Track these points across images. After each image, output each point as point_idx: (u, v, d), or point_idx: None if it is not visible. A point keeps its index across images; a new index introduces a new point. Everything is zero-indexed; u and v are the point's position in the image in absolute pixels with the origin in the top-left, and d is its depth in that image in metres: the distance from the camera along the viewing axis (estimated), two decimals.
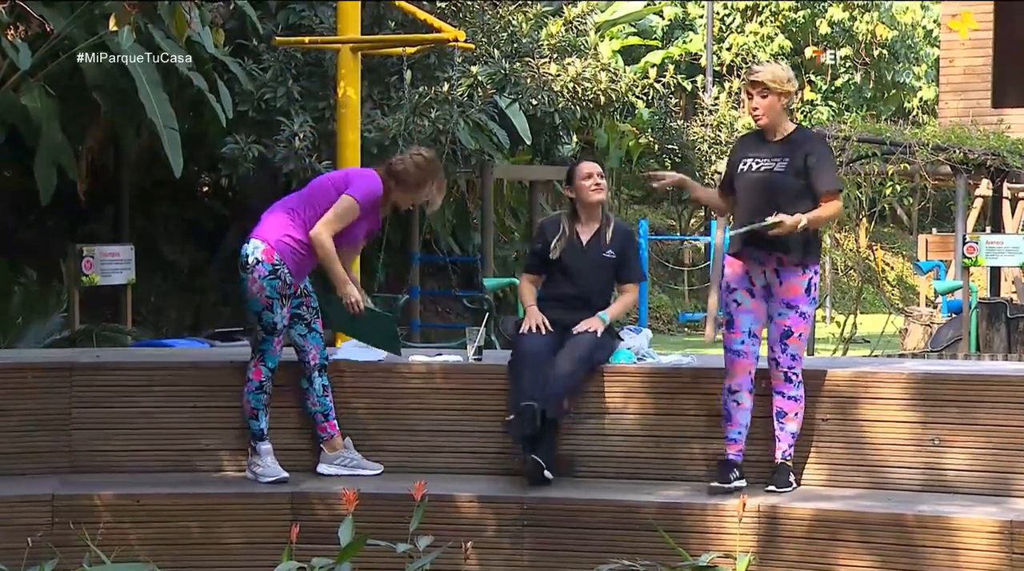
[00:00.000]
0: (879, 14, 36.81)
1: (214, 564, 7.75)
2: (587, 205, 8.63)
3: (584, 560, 7.30)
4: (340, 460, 8.28)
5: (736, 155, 8.03)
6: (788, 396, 7.81)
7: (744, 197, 7.83)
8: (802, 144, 7.78)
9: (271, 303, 8.05)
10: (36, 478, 8.30)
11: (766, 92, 7.69)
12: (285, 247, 8.07)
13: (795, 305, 7.72)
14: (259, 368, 8.17)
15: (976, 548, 7.21)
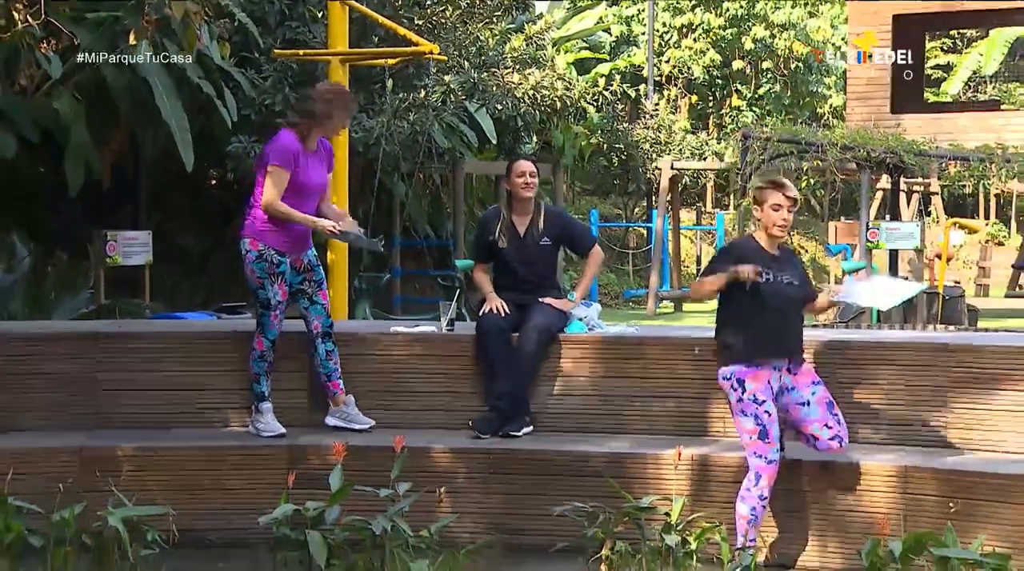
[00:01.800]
0: (795, 32, 36.93)
1: (221, 507, 7.75)
2: (519, 199, 8.59)
3: (542, 503, 7.32)
4: (340, 414, 8.28)
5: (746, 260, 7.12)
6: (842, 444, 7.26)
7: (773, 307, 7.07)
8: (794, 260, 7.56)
9: (262, 282, 8.06)
10: (67, 432, 8.27)
11: (793, 209, 7.26)
12: (260, 232, 8.07)
13: (819, 381, 7.26)
14: (260, 339, 8.16)
15: (877, 490, 7.28)
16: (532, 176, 8.56)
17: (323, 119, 8.15)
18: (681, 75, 37.06)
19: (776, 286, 7.08)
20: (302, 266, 8.26)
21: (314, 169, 8.19)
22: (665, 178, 26.24)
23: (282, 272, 8.12)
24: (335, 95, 8.30)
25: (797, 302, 7.28)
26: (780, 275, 7.12)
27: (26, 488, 6.72)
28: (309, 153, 8.16)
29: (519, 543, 7.53)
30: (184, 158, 16.19)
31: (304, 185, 8.10)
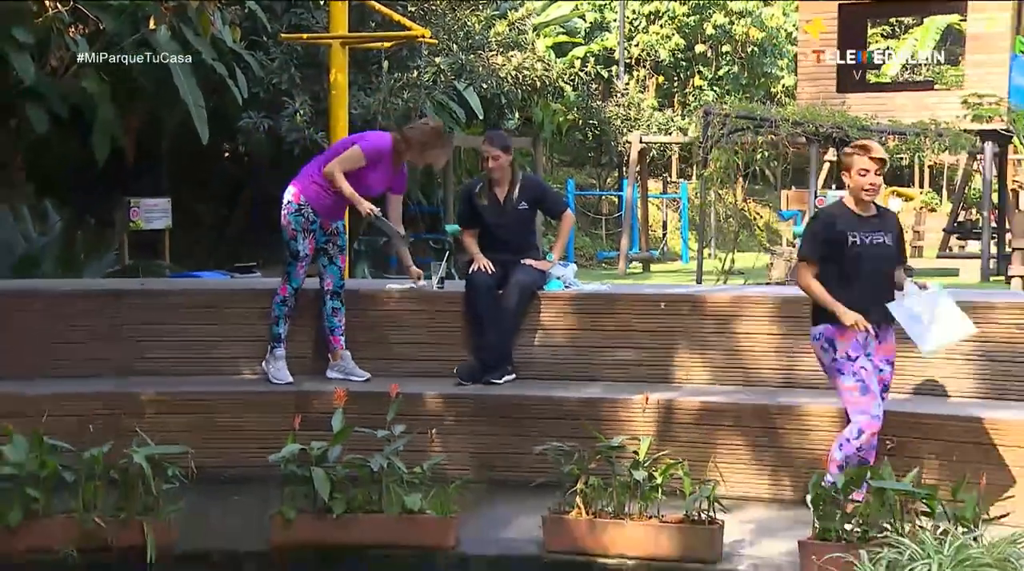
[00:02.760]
0: (752, 19, 36.95)
1: (234, 447, 7.75)
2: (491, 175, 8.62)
3: (523, 443, 7.33)
4: (338, 368, 8.30)
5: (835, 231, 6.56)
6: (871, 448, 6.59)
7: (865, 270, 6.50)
8: (892, 219, 6.77)
9: (296, 234, 8.13)
10: (95, 379, 8.28)
11: (882, 170, 6.57)
12: (310, 189, 8.16)
13: (893, 361, 6.71)
14: (285, 286, 8.22)
15: (820, 429, 7.29)
16: (495, 159, 8.53)
17: (417, 149, 8.23)
18: (649, 58, 36.98)
19: (865, 249, 6.51)
20: (330, 229, 8.35)
21: (381, 178, 8.28)
22: (635, 151, 26.21)
23: (314, 230, 8.20)
24: (437, 139, 8.35)
25: (888, 263, 6.63)
26: (871, 237, 6.54)
27: (59, 429, 6.71)
28: (388, 164, 8.25)
29: (503, 479, 7.54)
30: (200, 132, 16.21)
31: (366, 183, 8.18)
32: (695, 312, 8.26)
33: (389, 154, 8.20)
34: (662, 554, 6.26)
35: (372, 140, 8.29)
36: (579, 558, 6.32)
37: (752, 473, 7.41)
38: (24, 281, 11.38)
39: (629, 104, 30.39)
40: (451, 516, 6.54)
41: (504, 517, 6.94)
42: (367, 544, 6.44)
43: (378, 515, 6.50)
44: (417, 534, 6.47)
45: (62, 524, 6.38)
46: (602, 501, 6.42)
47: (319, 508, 6.46)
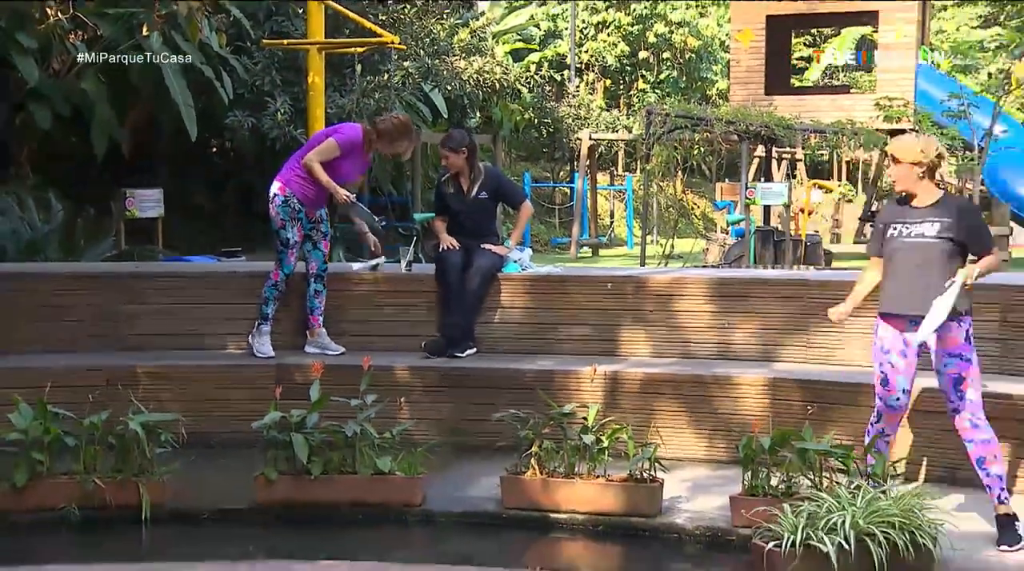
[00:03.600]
0: (689, 29, 37.04)
1: (221, 414, 7.71)
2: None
3: (483, 410, 7.32)
4: (315, 343, 8.29)
5: (883, 221, 6.14)
6: (980, 441, 5.82)
7: (901, 262, 5.93)
8: (952, 209, 5.92)
9: (284, 224, 8.12)
10: (95, 354, 8.24)
11: (898, 161, 5.94)
12: (293, 182, 8.13)
13: (959, 353, 5.83)
14: (277, 271, 8.21)
15: (751, 397, 7.34)
16: (445, 158, 8.59)
17: (386, 139, 8.23)
18: (597, 63, 36.96)
19: (906, 241, 5.92)
20: (314, 218, 8.29)
21: (355, 167, 8.31)
22: (584, 147, 26.22)
23: (300, 218, 8.17)
24: (405, 131, 8.31)
25: (927, 255, 5.85)
26: (912, 228, 5.93)
27: (61, 398, 6.65)
28: (361, 154, 8.28)
29: (465, 443, 7.55)
30: (189, 129, 16.16)
31: (345, 173, 8.20)
32: (638, 292, 8.28)
33: (361, 144, 8.20)
34: (608, 509, 6.28)
35: (345, 132, 8.29)
36: (534, 514, 6.33)
37: (689, 436, 7.45)
38: (30, 265, 11.32)
39: (579, 105, 30.35)
40: (418, 476, 6.54)
41: (466, 477, 6.94)
42: (342, 502, 6.42)
43: (352, 476, 6.49)
44: (387, 492, 6.46)
45: (64, 484, 6.36)
46: (554, 462, 6.43)
47: (298, 470, 6.44)
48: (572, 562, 6.02)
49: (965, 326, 5.84)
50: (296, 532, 6.28)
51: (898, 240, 5.94)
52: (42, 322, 8.47)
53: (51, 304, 8.54)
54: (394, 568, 5.71)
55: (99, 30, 14.48)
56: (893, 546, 5.17)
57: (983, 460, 5.78)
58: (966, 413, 5.80)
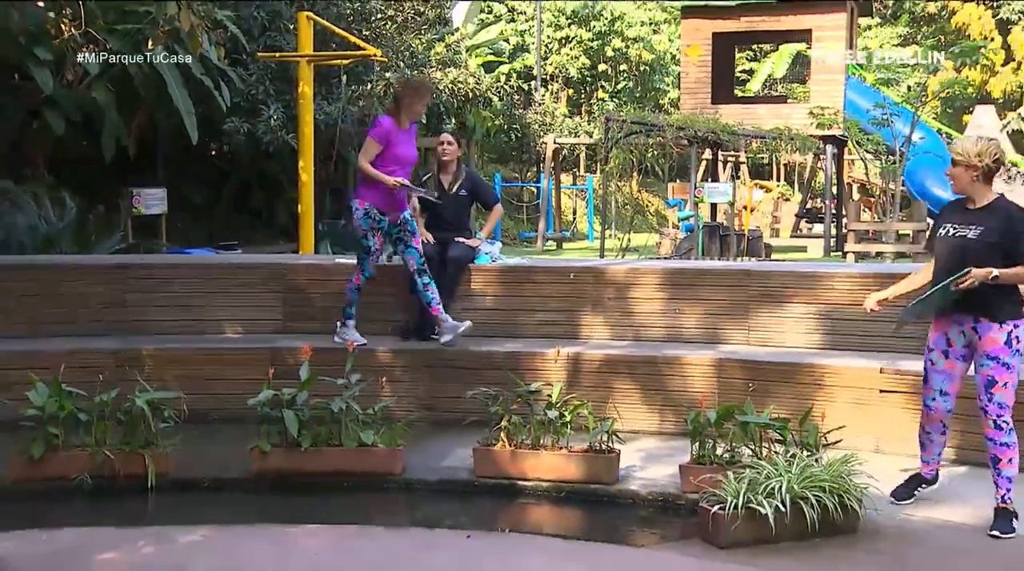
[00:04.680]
0: (644, 44, 37.08)
1: (220, 392, 7.65)
2: (442, 162, 8.54)
3: (458, 388, 7.29)
4: (445, 329, 7.87)
5: (940, 220, 5.70)
6: (1000, 443, 5.44)
7: (940, 259, 5.58)
8: (1000, 214, 5.44)
9: (366, 233, 7.81)
10: (104, 337, 8.18)
11: (955, 163, 5.49)
12: (364, 193, 7.78)
13: (996, 356, 5.39)
14: (359, 276, 7.95)
15: (698, 376, 7.35)
16: (449, 144, 8.54)
17: (406, 103, 7.77)
18: (561, 74, 36.92)
19: (948, 240, 5.52)
20: (398, 221, 7.87)
21: (405, 144, 7.83)
22: (549, 150, 26.21)
23: (382, 227, 7.82)
24: (414, 86, 7.99)
25: (966, 256, 5.40)
26: (961, 229, 5.49)
27: (75, 378, 6.59)
28: (402, 131, 7.80)
29: (441, 418, 7.52)
30: (190, 134, 16.08)
31: (398, 156, 7.77)
32: (598, 281, 8.28)
33: (392, 125, 7.76)
34: (571, 477, 6.27)
35: (375, 124, 7.86)
36: (504, 481, 6.32)
37: (643, 411, 7.45)
38: (46, 257, 11.25)
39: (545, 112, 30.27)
40: (398, 448, 6.51)
41: (442, 449, 6.92)
42: (329, 471, 6.39)
43: (338, 448, 6.46)
44: (370, 463, 6.44)
45: (77, 456, 6.33)
46: (522, 435, 6.42)
47: (290, 442, 6.41)
48: (538, 524, 6.02)
49: (1008, 328, 5.39)
50: (288, 499, 6.25)
51: (942, 239, 5.55)
52: (57, 309, 8.40)
53: (65, 293, 8.47)
54: (377, 531, 5.69)
55: (108, 45, 14.37)
56: (824, 508, 5.21)
57: (998, 461, 5.44)
58: (992, 415, 5.41)
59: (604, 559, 5.10)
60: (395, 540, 5.45)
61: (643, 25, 37.80)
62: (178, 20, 10.03)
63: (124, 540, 5.31)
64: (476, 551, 5.21)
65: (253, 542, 5.36)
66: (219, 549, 5.23)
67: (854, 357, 7.21)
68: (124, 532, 5.49)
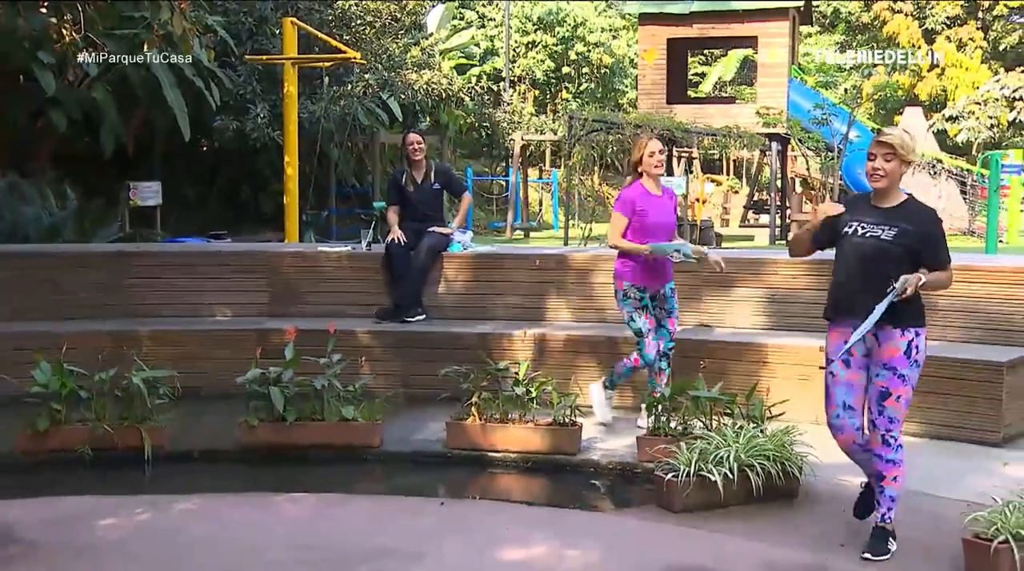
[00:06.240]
0: (604, 49, 37.06)
1: (211, 370, 7.57)
2: (412, 160, 8.45)
3: (433, 367, 7.22)
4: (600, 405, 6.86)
5: (839, 215, 4.70)
6: (886, 459, 4.61)
7: (851, 260, 4.60)
8: (917, 215, 4.56)
9: (631, 315, 6.56)
10: (104, 320, 8.12)
11: (892, 156, 4.52)
12: (622, 270, 6.59)
13: (893, 366, 4.52)
14: (637, 358, 6.61)
15: None
16: (418, 144, 8.45)
17: (644, 164, 6.57)
18: (528, 76, 36.85)
19: (858, 240, 4.58)
20: (658, 295, 6.64)
21: (655, 209, 6.52)
22: (517, 146, 26.20)
23: (645, 305, 6.58)
24: (637, 145, 6.64)
25: (883, 259, 4.50)
26: (873, 229, 4.56)
27: (76, 357, 6.54)
28: (653, 197, 6.57)
29: (416, 394, 7.48)
30: (183, 131, 16.04)
31: (647, 226, 6.52)
32: (562, 267, 8.26)
33: (639, 193, 6.54)
34: (536, 448, 6.27)
35: (620, 197, 6.66)
36: (474, 453, 6.31)
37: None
38: (48, 245, 11.16)
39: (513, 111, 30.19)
40: (377, 422, 6.49)
41: (417, 423, 6.89)
42: (313, 444, 6.37)
43: (321, 422, 6.43)
44: (351, 436, 6.41)
45: (79, 430, 6.30)
46: (491, 410, 6.41)
47: (276, 417, 6.37)
48: (507, 492, 6.01)
49: (910, 336, 4.53)
50: (274, 469, 6.21)
51: (852, 239, 4.61)
52: (60, 293, 8.33)
53: (67, 278, 8.40)
54: (358, 498, 5.67)
55: (107, 47, 14.25)
56: (768, 475, 5.22)
57: (882, 477, 4.64)
58: (880, 429, 4.59)
59: (569, 523, 5.11)
60: (374, 507, 5.43)
61: (603, 31, 37.79)
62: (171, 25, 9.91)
63: (123, 507, 5.27)
64: (449, 517, 5.20)
65: (242, 509, 5.32)
66: (211, 516, 5.20)
67: (797, 336, 7.23)
68: (123, 500, 5.45)
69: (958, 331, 6.98)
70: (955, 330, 6.99)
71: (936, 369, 6.41)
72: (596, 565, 4.47)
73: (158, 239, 14.77)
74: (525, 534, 4.82)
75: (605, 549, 4.64)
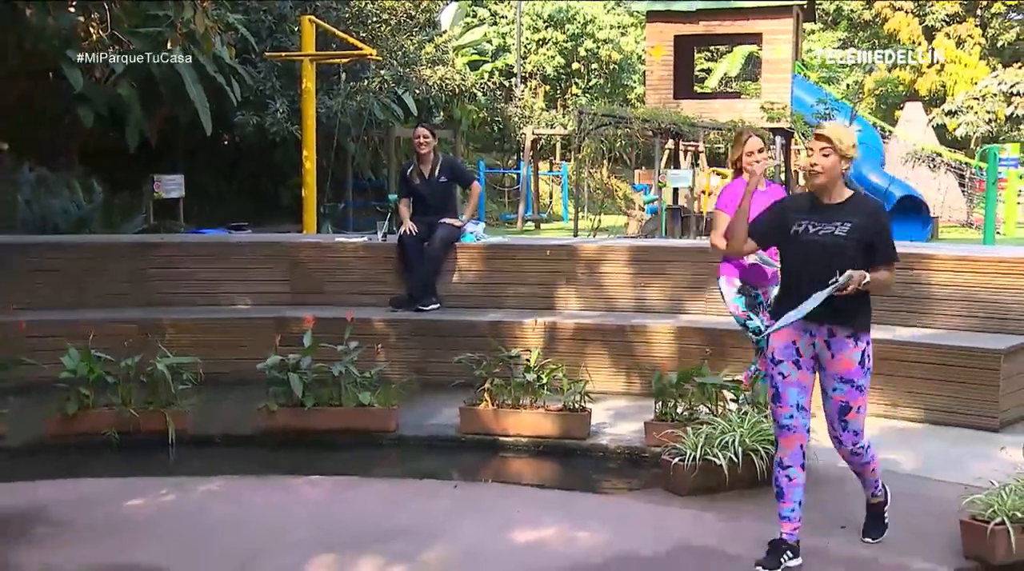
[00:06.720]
0: (613, 45, 36.94)
1: (232, 357, 7.57)
2: (419, 154, 8.43)
3: (446, 354, 7.26)
4: None
5: (784, 213, 4.36)
6: (862, 463, 4.46)
7: (801, 259, 4.24)
8: (865, 211, 4.24)
9: (747, 314, 6.16)
10: (128, 308, 8.15)
11: (829, 151, 4.22)
12: (729, 270, 6.19)
13: (850, 379, 4.24)
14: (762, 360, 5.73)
15: (661, 342, 7.36)
16: (425, 137, 8.41)
17: (744, 160, 6.05)
18: (538, 72, 36.73)
19: (809, 238, 4.21)
20: (768, 300, 6.03)
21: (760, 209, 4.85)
22: (528, 140, 26.15)
23: (760, 302, 6.12)
24: (738, 140, 6.14)
25: (834, 257, 4.13)
26: (824, 226, 4.21)
27: (102, 344, 6.57)
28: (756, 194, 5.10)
29: (430, 380, 7.47)
30: (205, 126, 16.06)
31: None
32: (572, 258, 8.26)
33: (738, 188, 5.89)
34: (547, 433, 6.27)
35: (722, 195, 6.21)
36: (487, 437, 6.32)
37: (611, 374, 7.45)
38: (76, 237, 11.16)
39: (524, 106, 30.16)
40: (392, 408, 6.50)
41: (431, 409, 6.90)
42: (331, 429, 6.38)
43: (338, 407, 6.44)
44: (367, 421, 6.43)
45: (106, 414, 6.32)
46: (503, 396, 6.41)
47: (295, 402, 6.39)
48: (518, 475, 6.02)
49: (862, 346, 4.24)
50: (293, 453, 6.23)
51: (802, 237, 4.24)
52: (87, 282, 8.35)
53: (93, 268, 8.43)
54: (375, 481, 5.68)
55: (132, 45, 14.27)
56: (772, 459, 5.19)
57: (862, 473, 4.54)
58: (847, 444, 4.37)
59: (578, 505, 5.11)
60: (390, 489, 5.44)
61: (612, 28, 37.66)
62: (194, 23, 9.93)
63: (148, 488, 5.29)
64: (463, 499, 5.21)
65: (264, 491, 5.34)
66: (233, 497, 5.22)
67: None
68: (148, 481, 5.47)
69: (957, 319, 6.96)
70: (954, 318, 6.97)
71: (935, 356, 6.41)
72: (605, 545, 4.47)
73: (181, 230, 14.79)
74: (536, 516, 4.83)
75: (613, 530, 4.64)
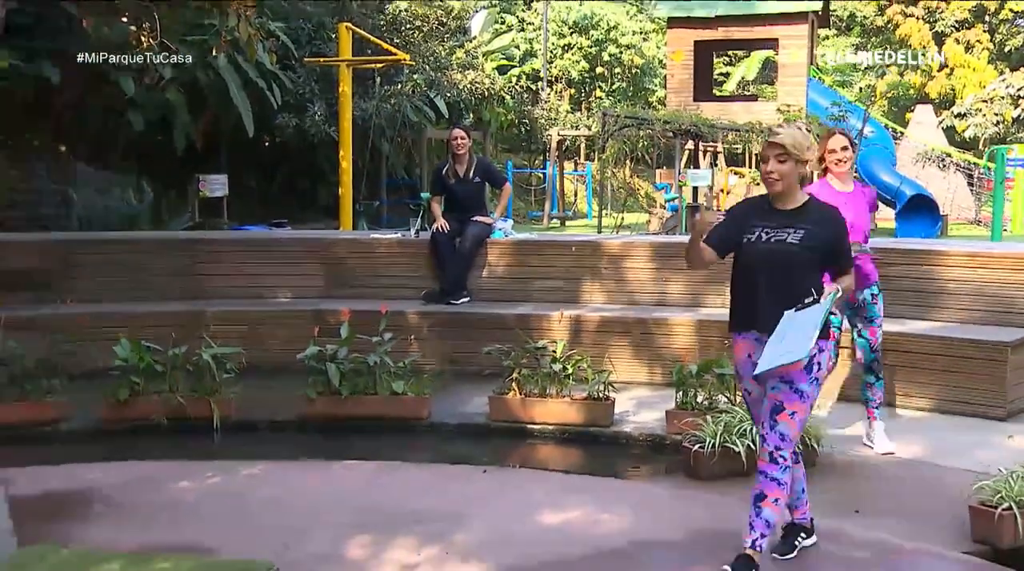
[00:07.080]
0: (635, 50, 36.81)
1: (273, 348, 7.63)
2: (456, 154, 8.42)
3: (476, 345, 7.25)
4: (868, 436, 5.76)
5: (740, 220, 3.97)
6: (771, 478, 3.79)
7: (752, 267, 3.89)
8: (820, 217, 3.88)
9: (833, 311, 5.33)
10: (176, 301, 8.18)
11: (785, 157, 3.85)
12: None
13: (790, 380, 3.76)
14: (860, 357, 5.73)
15: (682, 334, 7.31)
16: (461, 138, 8.41)
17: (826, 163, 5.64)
18: (564, 76, 36.62)
19: (762, 246, 3.86)
20: (857, 302, 5.66)
21: (847, 210, 4.60)
22: (554, 141, 26.07)
23: (845, 304, 5.64)
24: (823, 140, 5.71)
25: (789, 266, 3.82)
26: (776, 234, 3.85)
27: (151, 335, 6.65)
28: (840, 194, 5.46)
29: (461, 371, 7.51)
30: (247, 128, 16.13)
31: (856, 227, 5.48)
32: (596, 253, 8.23)
33: (828, 190, 5.52)
34: (573, 421, 6.26)
35: None
36: (515, 425, 6.31)
37: (634, 365, 7.42)
38: (127, 233, 11.25)
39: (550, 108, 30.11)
40: (425, 396, 6.51)
41: (462, 397, 6.91)
42: (366, 416, 6.40)
43: (374, 396, 6.46)
44: (401, 409, 6.44)
45: (155, 401, 6.37)
46: (531, 385, 6.41)
47: (332, 391, 6.41)
48: (545, 461, 6.01)
49: (813, 350, 3.73)
50: (331, 438, 6.25)
51: (756, 245, 3.87)
52: (138, 277, 8.40)
53: (143, 264, 8.48)
54: (408, 466, 5.67)
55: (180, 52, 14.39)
56: None
57: (762, 498, 3.80)
58: (770, 445, 3.81)
59: (602, 490, 5.09)
60: (422, 473, 5.45)
61: (635, 34, 37.51)
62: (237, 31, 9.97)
63: (194, 471, 5.31)
64: (492, 482, 5.21)
65: (303, 474, 5.36)
66: (275, 480, 5.24)
67: None
68: (194, 464, 5.49)
69: (965, 313, 6.89)
70: (962, 312, 6.90)
71: (944, 348, 6.35)
72: (628, 529, 4.46)
73: (225, 227, 14.87)
74: (562, 499, 4.82)
75: (636, 514, 4.63)
